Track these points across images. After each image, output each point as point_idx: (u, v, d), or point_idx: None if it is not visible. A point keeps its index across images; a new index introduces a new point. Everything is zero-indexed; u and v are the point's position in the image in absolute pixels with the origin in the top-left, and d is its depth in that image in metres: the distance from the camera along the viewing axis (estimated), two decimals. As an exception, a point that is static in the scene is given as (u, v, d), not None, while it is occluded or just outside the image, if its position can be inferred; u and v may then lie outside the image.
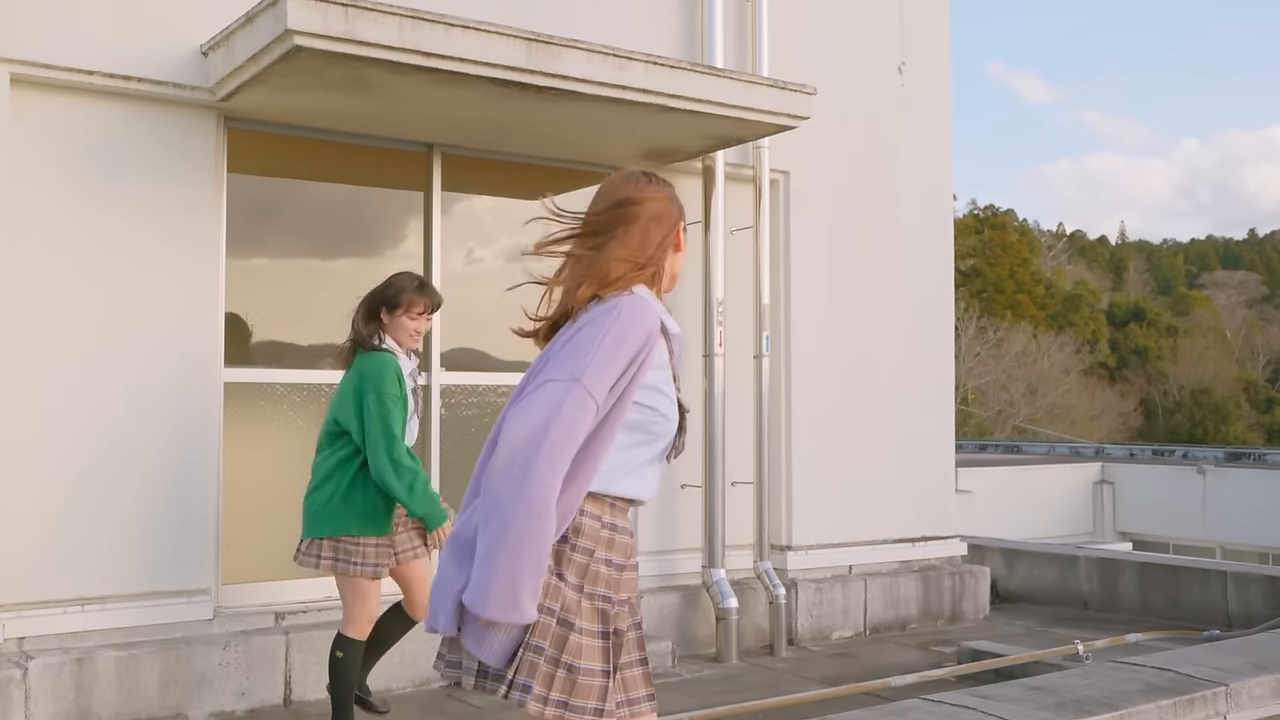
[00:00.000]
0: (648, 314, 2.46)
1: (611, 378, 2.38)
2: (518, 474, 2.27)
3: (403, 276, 4.87)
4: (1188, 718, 4.49)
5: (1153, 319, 52.24)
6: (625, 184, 2.68)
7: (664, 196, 2.68)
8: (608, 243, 2.59)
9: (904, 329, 7.89)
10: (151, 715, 5.24)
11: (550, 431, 2.29)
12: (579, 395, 2.33)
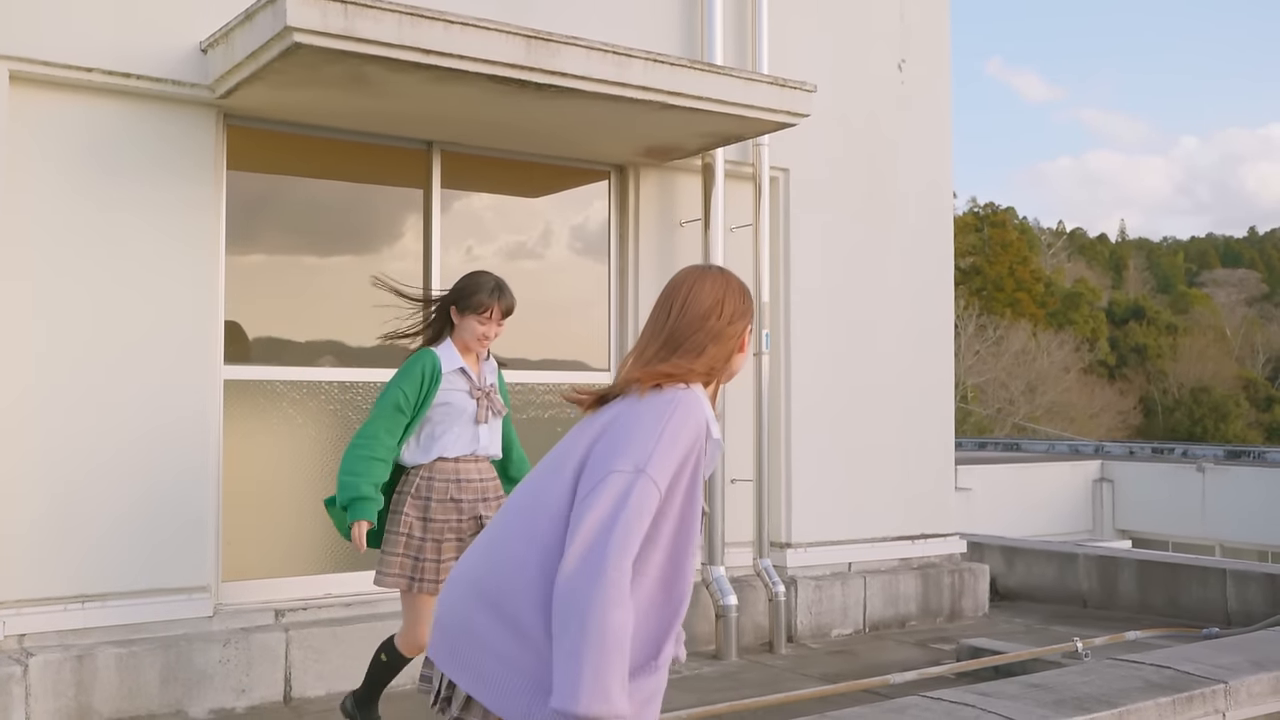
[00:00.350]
0: (699, 415, 2.47)
1: (671, 471, 2.39)
2: (594, 562, 2.27)
3: (480, 276, 4.67)
4: (1186, 715, 4.50)
5: (1152, 317, 52.24)
6: (710, 294, 2.64)
7: (747, 311, 2.68)
8: (685, 352, 2.58)
9: (904, 327, 7.89)
10: (152, 712, 5.24)
11: (620, 519, 2.30)
12: (645, 485, 2.35)
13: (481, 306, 4.58)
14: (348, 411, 6.18)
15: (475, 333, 4.58)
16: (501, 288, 4.65)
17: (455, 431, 4.54)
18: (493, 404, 4.65)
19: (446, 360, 4.58)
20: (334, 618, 5.81)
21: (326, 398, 6.13)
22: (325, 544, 6.09)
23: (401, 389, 4.49)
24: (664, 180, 7.12)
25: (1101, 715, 4.21)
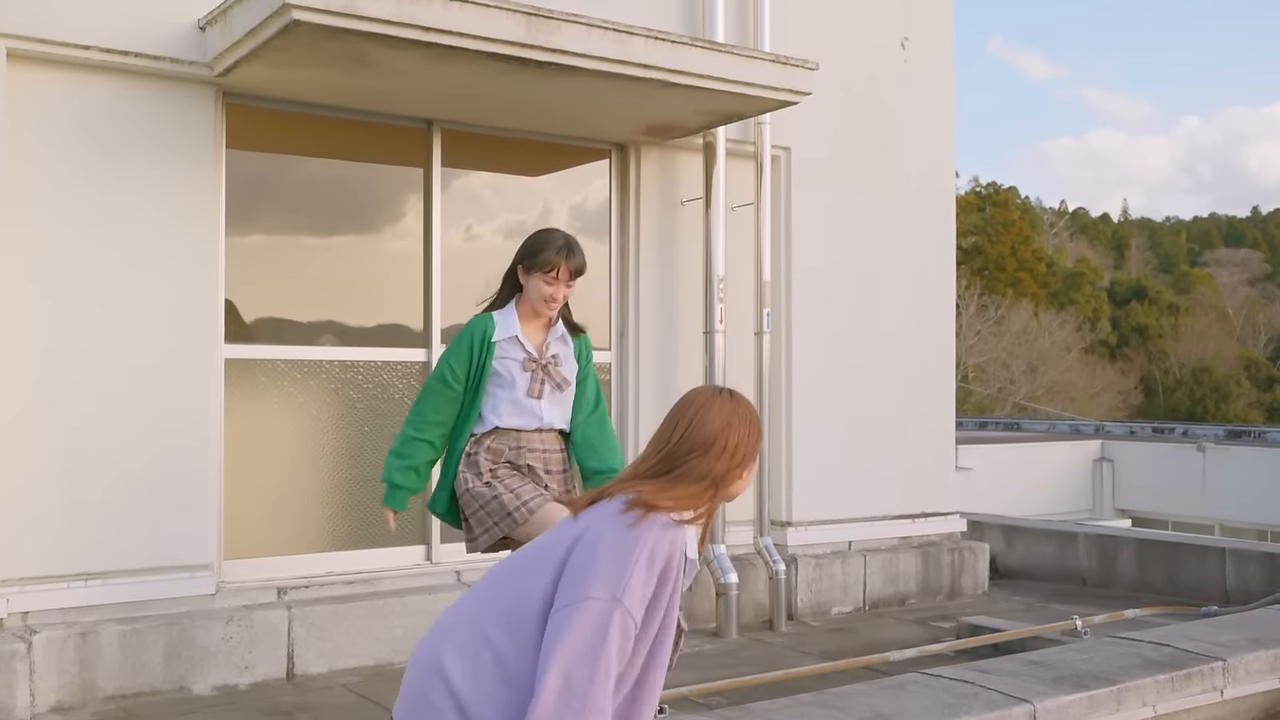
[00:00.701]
0: (677, 544, 2.51)
1: (647, 599, 2.44)
2: (575, 703, 2.32)
3: (548, 233, 4.37)
4: (1185, 692, 4.52)
5: (1154, 297, 52.17)
6: (716, 421, 2.68)
7: (752, 447, 2.73)
8: (679, 477, 2.61)
9: (905, 306, 7.89)
10: (155, 689, 5.27)
11: (601, 656, 2.35)
12: (623, 619, 2.39)
13: (548, 265, 4.25)
14: (348, 391, 6.18)
15: (542, 293, 4.27)
16: (571, 245, 4.31)
17: (509, 404, 4.28)
18: (551, 376, 4.32)
19: (501, 327, 4.31)
20: (336, 595, 5.84)
21: (327, 376, 6.14)
22: (327, 522, 6.11)
23: (448, 362, 4.30)
24: (665, 159, 7.10)
25: (1100, 692, 4.23)
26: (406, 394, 6.31)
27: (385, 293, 6.39)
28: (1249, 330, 52.60)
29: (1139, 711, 4.34)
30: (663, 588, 2.48)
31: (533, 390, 4.27)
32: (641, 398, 6.94)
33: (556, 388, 4.33)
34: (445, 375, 4.28)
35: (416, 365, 6.36)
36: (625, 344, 6.99)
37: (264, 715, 5.10)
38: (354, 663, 5.72)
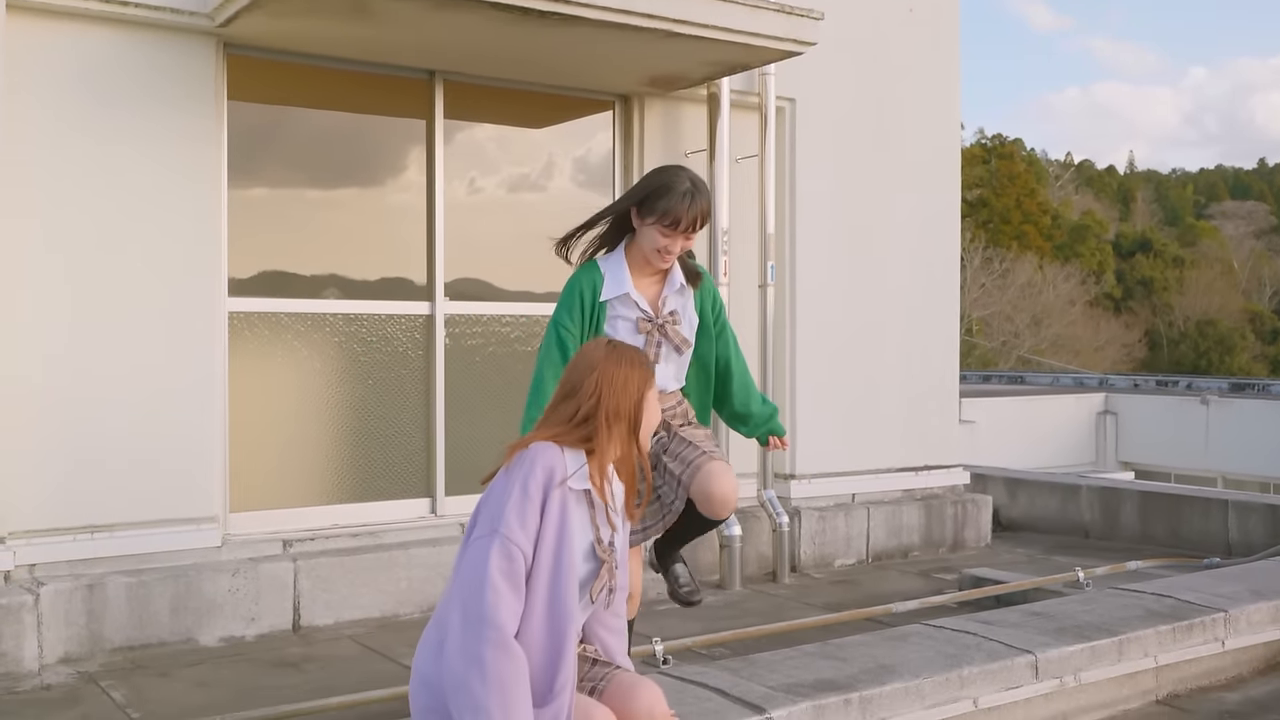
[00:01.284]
0: (548, 465, 2.73)
1: (528, 522, 2.67)
2: (475, 627, 2.58)
3: (672, 174, 3.71)
4: (1186, 643, 4.55)
5: (1159, 250, 51.94)
6: (583, 366, 2.90)
7: (617, 380, 2.85)
8: (555, 419, 2.85)
9: (910, 258, 7.86)
10: (163, 640, 5.31)
11: (487, 582, 2.60)
12: (502, 544, 2.64)
13: (669, 216, 3.62)
14: (352, 344, 6.18)
15: (656, 244, 3.67)
16: (696, 190, 3.68)
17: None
18: (668, 338, 3.76)
19: (611, 282, 3.75)
20: (341, 548, 5.86)
21: (331, 330, 6.13)
22: (332, 475, 6.13)
23: (562, 324, 3.74)
24: (669, 110, 7.04)
25: (1102, 643, 4.26)
26: (410, 347, 6.31)
27: (388, 246, 6.37)
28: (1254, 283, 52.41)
29: (1140, 662, 4.37)
30: (548, 511, 2.70)
31: (648, 354, 3.72)
32: (645, 351, 6.93)
33: (675, 350, 3.79)
34: (564, 340, 3.71)
35: (420, 318, 6.34)
36: (629, 297, 6.96)
37: (271, 666, 5.14)
38: (360, 614, 5.76)
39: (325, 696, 4.44)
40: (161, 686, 4.85)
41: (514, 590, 2.63)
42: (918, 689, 3.70)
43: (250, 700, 4.53)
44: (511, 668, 2.57)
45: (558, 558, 2.70)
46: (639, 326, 3.73)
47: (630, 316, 3.73)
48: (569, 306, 3.73)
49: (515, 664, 2.58)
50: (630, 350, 2.93)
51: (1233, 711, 4.43)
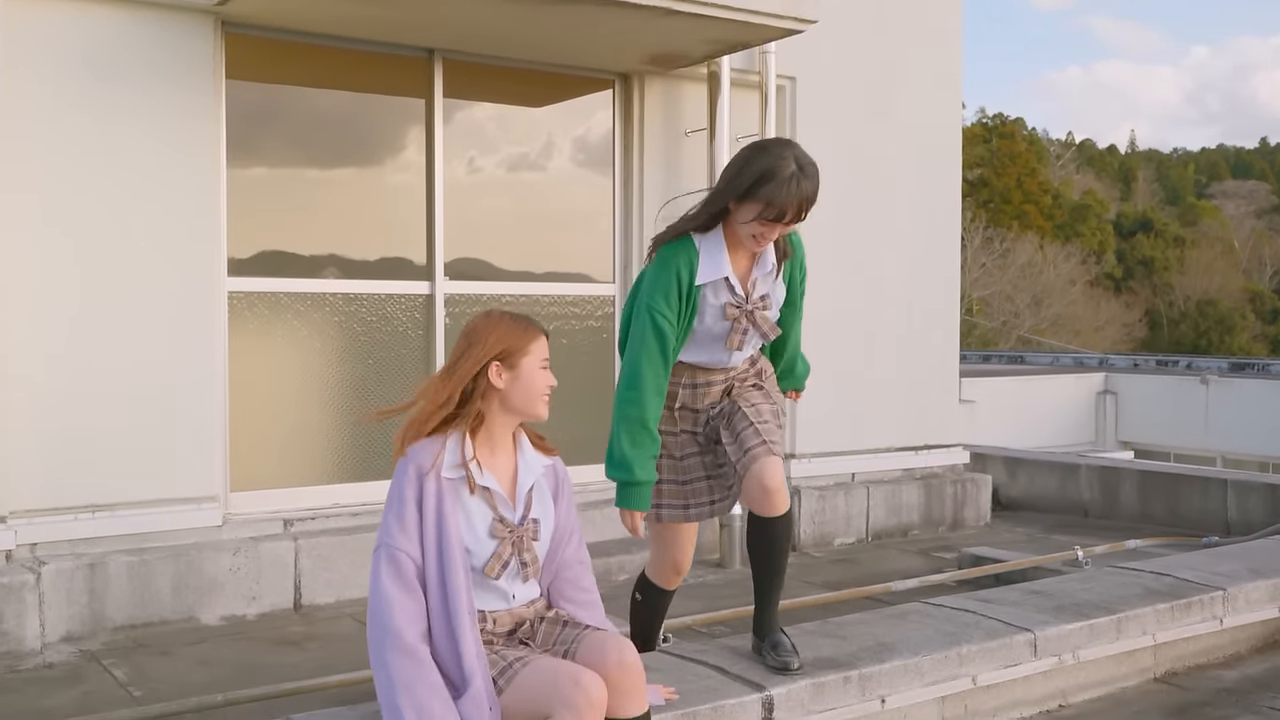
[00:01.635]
0: (414, 466, 2.81)
1: (407, 522, 2.78)
2: (378, 634, 2.75)
3: (777, 158, 3.36)
4: (1184, 621, 4.56)
5: (1160, 229, 51.87)
6: (464, 333, 2.97)
7: (483, 329, 2.92)
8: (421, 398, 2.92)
9: (910, 237, 7.84)
10: (164, 619, 5.33)
11: (378, 592, 2.76)
12: (386, 552, 2.78)
13: (772, 207, 3.30)
14: (352, 324, 6.18)
15: (752, 231, 3.36)
16: (803, 173, 3.39)
17: (701, 351, 3.53)
18: (756, 325, 3.49)
19: (708, 264, 3.41)
20: (342, 527, 5.88)
21: (331, 309, 6.12)
22: (332, 454, 6.13)
23: (656, 310, 3.37)
24: (669, 89, 7.02)
25: (1100, 621, 4.27)
26: (410, 326, 6.30)
27: (388, 225, 6.36)
28: (1255, 263, 52.34)
29: (1139, 640, 4.38)
30: (424, 512, 2.79)
31: (732, 341, 3.48)
32: (645, 330, 6.93)
33: (762, 336, 3.53)
34: (663, 329, 3.37)
35: (420, 298, 6.34)
36: (629, 278, 6.96)
37: (272, 644, 5.16)
38: (361, 593, 5.77)
39: (326, 675, 4.45)
40: (163, 665, 4.87)
41: (408, 593, 2.76)
42: (917, 666, 3.71)
43: (252, 678, 4.55)
44: (413, 669, 2.70)
45: (440, 549, 2.79)
46: (726, 312, 3.43)
47: (720, 301, 3.42)
48: (665, 288, 3.36)
49: (417, 665, 2.71)
50: (513, 314, 2.96)
51: (1230, 689, 4.44)
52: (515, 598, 2.91)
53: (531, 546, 2.90)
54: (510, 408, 2.89)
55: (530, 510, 2.92)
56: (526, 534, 2.89)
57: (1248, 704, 4.27)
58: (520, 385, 2.88)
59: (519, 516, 2.90)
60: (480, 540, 2.83)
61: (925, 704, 3.81)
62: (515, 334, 2.89)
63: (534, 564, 2.92)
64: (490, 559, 2.83)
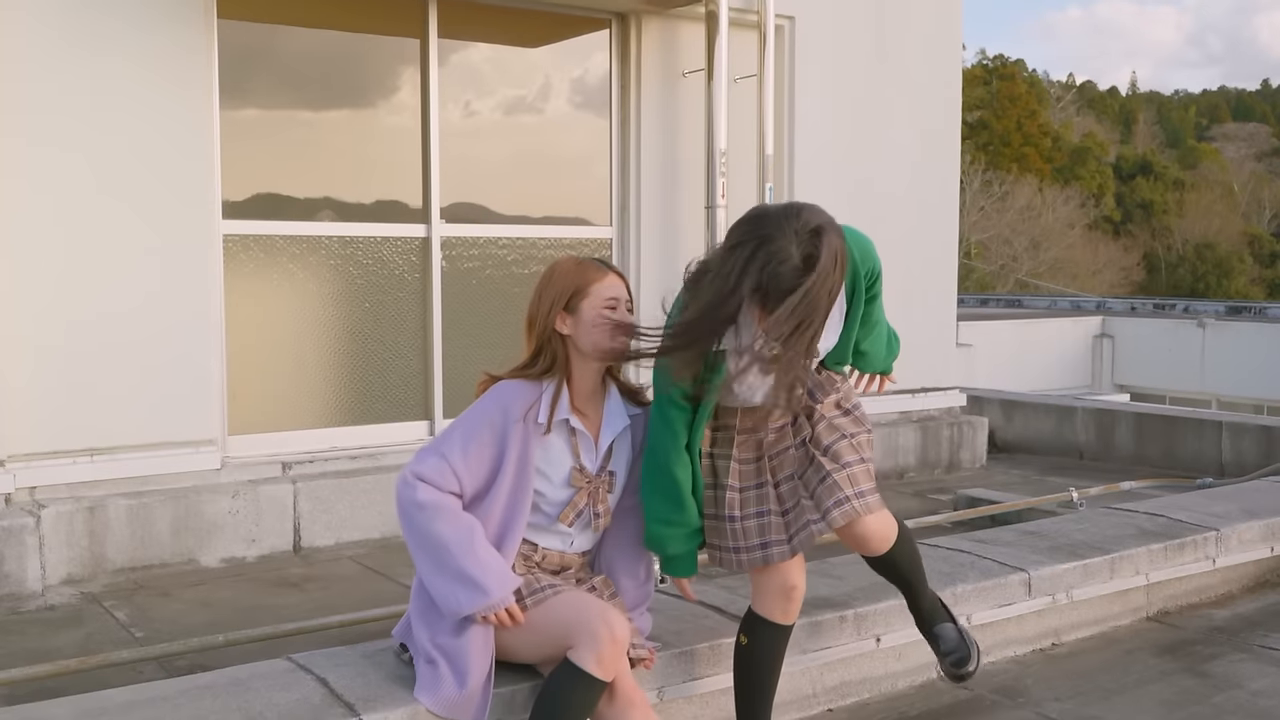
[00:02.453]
0: (501, 400, 2.81)
1: (469, 447, 2.77)
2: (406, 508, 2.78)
3: (770, 226, 2.81)
4: (1177, 561, 4.59)
5: (1160, 172, 51.60)
6: (534, 289, 2.94)
7: (554, 275, 2.89)
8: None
9: (909, 181, 7.80)
10: (164, 561, 5.36)
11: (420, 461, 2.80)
12: (434, 464, 2.77)
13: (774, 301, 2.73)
14: (348, 267, 6.15)
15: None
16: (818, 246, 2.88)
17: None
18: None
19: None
20: (340, 470, 5.90)
21: (326, 252, 6.10)
22: (330, 398, 6.14)
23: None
24: (666, 29, 6.94)
25: (1094, 561, 4.30)
26: (406, 270, 6.29)
27: (383, 168, 6.32)
28: (1254, 206, 52.14)
29: (1132, 580, 4.41)
30: (493, 438, 2.78)
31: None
32: (643, 275, 6.91)
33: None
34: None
35: (416, 241, 6.31)
36: (626, 220, 6.93)
37: (272, 586, 5.19)
38: (359, 535, 5.81)
39: (327, 615, 4.48)
40: (164, 606, 4.91)
41: (448, 496, 2.76)
42: (912, 606, 3.73)
43: (252, 619, 4.59)
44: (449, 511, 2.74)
45: (512, 492, 2.78)
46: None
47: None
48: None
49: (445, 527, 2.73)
50: (578, 258, 2.94)
51: (1221, 627, 4.49)
52: (574, 544, 2.92)
53: (606, 498, 2.90)
54: (584, 351, 2.85)
55: (610, 462, 2.92)
56: (603, 485, 2.89)
57: (1238, 642, 4.31)
58: (584, 329, 2.83)
59: (598, 466, 2.89)
60: (556, 487, 2.84)
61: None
62: (573, 277, 2.86)
63: (606, 515, 2.92)
64: (566, 507, 2.84)
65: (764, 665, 3.07)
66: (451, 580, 2.68)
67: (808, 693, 3.58)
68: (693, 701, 3.33)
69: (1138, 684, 3.89)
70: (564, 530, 2.88)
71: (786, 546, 2.98)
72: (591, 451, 2.88)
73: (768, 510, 3.00)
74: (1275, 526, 4.96)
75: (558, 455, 2.84)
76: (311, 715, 2.70)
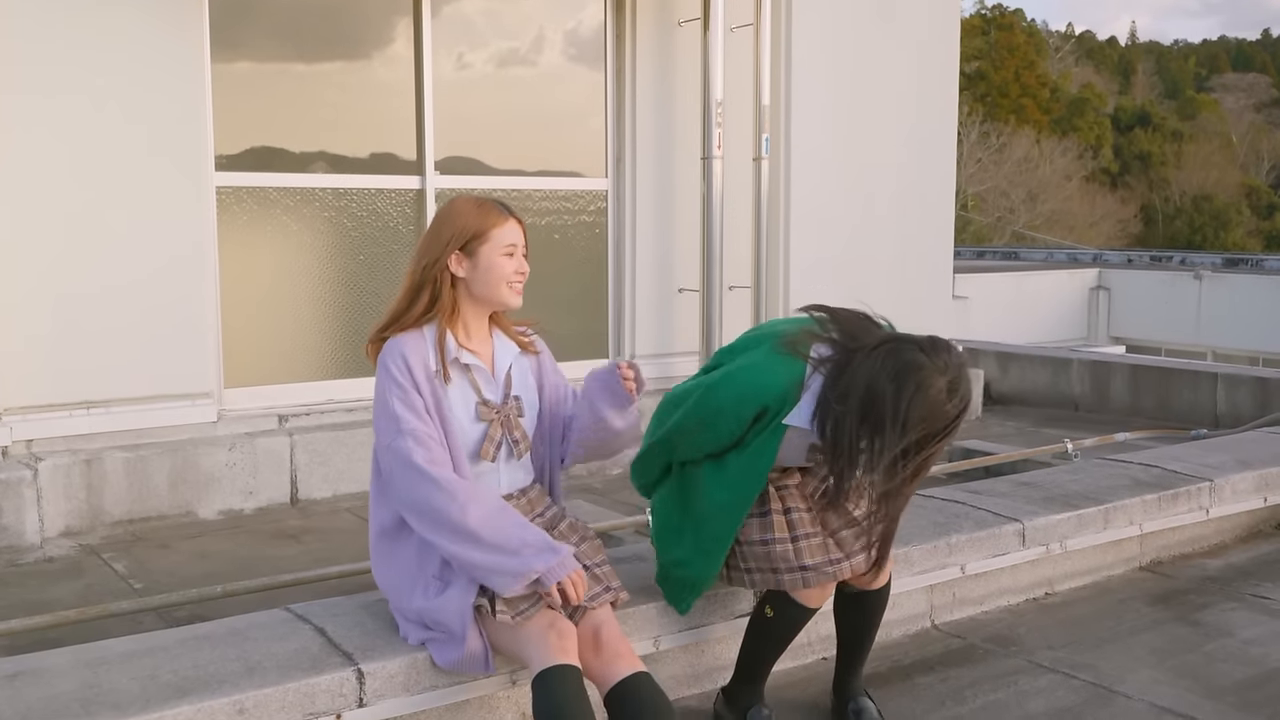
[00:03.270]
0: (390, 360, 2.76)
1: (418, 406, 2.73)
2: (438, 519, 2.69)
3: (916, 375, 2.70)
4: (1171, 511, 4.61)
5: (1158, 123, 51.32)
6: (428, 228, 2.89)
7: (448, 217, 2.83)
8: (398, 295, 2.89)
9: (906, 132, 7.76)
10: (162, 513, 5.38)
11: (422, 481, 2.70)
12: (411, 441, 2.71)
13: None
14: (343, 219, 6.13)
15: None
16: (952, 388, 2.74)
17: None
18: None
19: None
20: (337, 422, 5.90)
21: (321, 204, 6.07)
22: (326, 351, 6.13)
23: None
24: (661, -23, 6.87)
25: (1088, 511, 4.32)
26: (401, 222, 6.26)
27: (378, 119, 6.27)
28: (1252, 157, 51.91)
29: (1125, 530, 4.44)
30: (419, 389, 2.74)
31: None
32: (639, 226, 6.89)
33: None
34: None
35: (411, 193, 6.28)
36: (622, 171, 6.89)
37: (270, 538, 5.22)
38: (356, 488, 5.82)
39: (325, 566, 4.50)
40: (162, 557, 4.93)
41: (449, 469, 2.71)
42: (906, 556, 3.76)
43: (250, 570, 4.61)
44: (499, 515, 2.67)
45: (444, 435, 2.75)
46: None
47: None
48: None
49: (500, 509, 2.70)
50: (478, 199, 2.89)
51: (1214, 577, 4.52)
52: (504, 481, 2.88)
53: (519, 424, 2.88)
54: (476, 296, 2.82)
55: (511, 389, 2.89)
56: (511, 411, 2.86)
57: (1230, 591, 4.35)
58: (481, 273, 2.79)
59: (501, 396, 2.87)
60: (466, 427, 2.80)
61: (914, 592, 3.87)
62: (474, 220, 2.80)
63: (524, 440, 2.89)
64: (483, 442, 2.81)
65: (783, 638, 3.10)
66: (500, 551, 2.61)
67: (802, 641, 3.61)
68: (688, 650, 3.35)
69: (1130, 633, 3.92)
70: (490, 467, 2.84)
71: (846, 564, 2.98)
72: (491, 382, 2.86)
73: (815, 531, 3.00)
74: (1269, 477, 4.98)
75: (459, 394, 2.81)
76: (310, 664, 2.71)
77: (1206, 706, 3.32)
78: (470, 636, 2.68)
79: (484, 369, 2.86)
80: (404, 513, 2.72)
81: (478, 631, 2.70)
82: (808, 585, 2.94)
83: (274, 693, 2.60)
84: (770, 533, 2.96)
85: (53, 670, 2.66)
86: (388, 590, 2.87)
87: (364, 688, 2.71)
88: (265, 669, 2.68)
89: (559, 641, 2.59)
